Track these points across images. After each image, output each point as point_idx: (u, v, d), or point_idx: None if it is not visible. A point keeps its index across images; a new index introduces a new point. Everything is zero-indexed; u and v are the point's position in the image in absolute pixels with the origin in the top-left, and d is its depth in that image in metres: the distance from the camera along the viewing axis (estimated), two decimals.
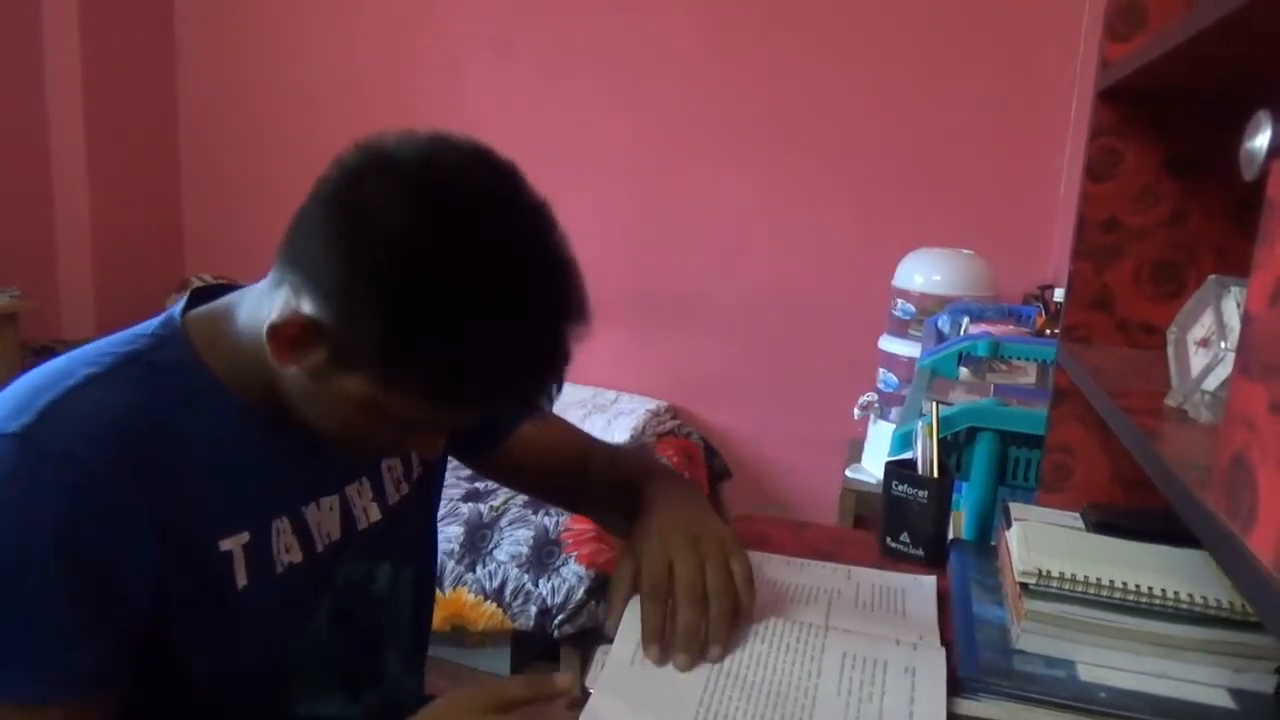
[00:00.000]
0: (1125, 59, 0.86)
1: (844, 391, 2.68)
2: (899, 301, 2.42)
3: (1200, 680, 0.81)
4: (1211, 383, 0.69)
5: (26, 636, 0.67)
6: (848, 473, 2.51)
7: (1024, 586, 0.86)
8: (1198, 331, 0.72)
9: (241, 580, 0.77)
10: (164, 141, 3.27)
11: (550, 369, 0.72)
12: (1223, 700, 0.79)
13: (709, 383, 2.94)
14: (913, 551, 1.08)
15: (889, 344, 2.45)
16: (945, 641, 0.87)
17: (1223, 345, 0.67)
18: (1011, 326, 1.88)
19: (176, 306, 0.81)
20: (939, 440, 1.11)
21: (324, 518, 0.84)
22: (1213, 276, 0.71)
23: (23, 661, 0.67)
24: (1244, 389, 0.46)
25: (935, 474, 1.09)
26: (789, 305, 2.83)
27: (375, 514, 0.89)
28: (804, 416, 2.86)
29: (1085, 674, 0.82)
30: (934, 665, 0.79)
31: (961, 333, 1.96)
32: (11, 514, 0.67)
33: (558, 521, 2.21)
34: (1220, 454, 0.48)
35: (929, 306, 2.34)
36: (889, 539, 1.10)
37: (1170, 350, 0.75)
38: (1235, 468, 0.46)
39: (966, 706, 0.78)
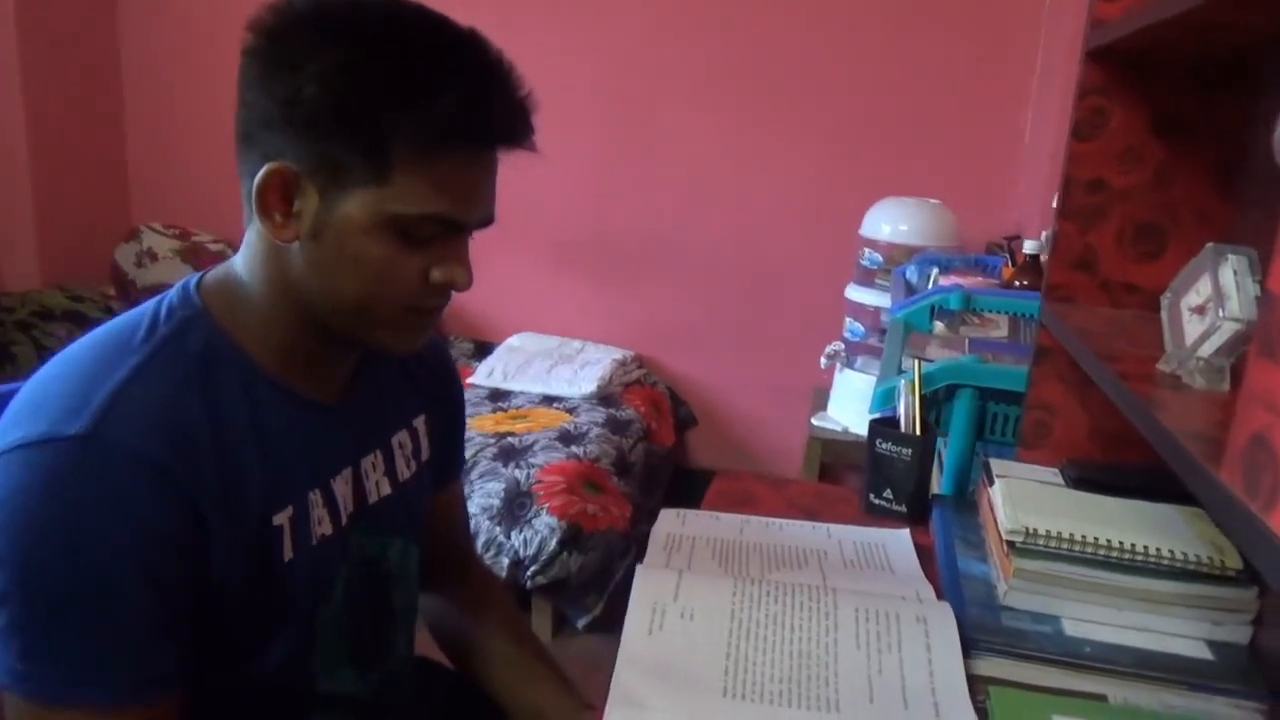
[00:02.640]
0: (1122, 20, 0.86)
1: (810, 340, 2.70)
2: (866, 251, 2.43)
3: (1179, 633, 0.84)
4: (1207, 350, 0.70)
5: (104, 643, 0.67)
6: (814, 421, 2.53)
7: (1011, 545, 0.88)
8: (1192, 298, 0.74)
9: (288, 553, 0.77)
10: (106, 84, 3.13)
11: (505, 75, 0.75)
12: (1201, 652, 0.82)
13: (675, 332, 2.94)
14: (895, 508, 1.10)
15: (856, 293, 2.46)
16: (939, 597, 0.88)
17: (1220, 313, 0.68)
18: (980, 278, 1.90)
19: (191, 279, 0.80)
20: (921, 397, 1.12)
21: (345, 490, 0.84)
22: (1210, 244, 0.72)
23: (101, 667, 0.67)
24: (1265, 370, 0.47)
25: (918, 431, 1.10)
26: (756, 254, 2.83)
27: (386, 488, 0.89)
28: (770, 365, 2.87)
29: (1070, 629, 0.85)
30: (944, 614, 0.81)
31: (930, 284, 1.97)
32: (86, 517, 0.66)
33: (529, 474, 2.21)
34: (1236, 432, 0.49)
35: (896, 256, 2.36)
36: (872, 496, 1.12)
37: (1164, 315, 0.76)
38: (1255, 448, 0.47)
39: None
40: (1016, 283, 1.80)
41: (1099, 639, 0.83)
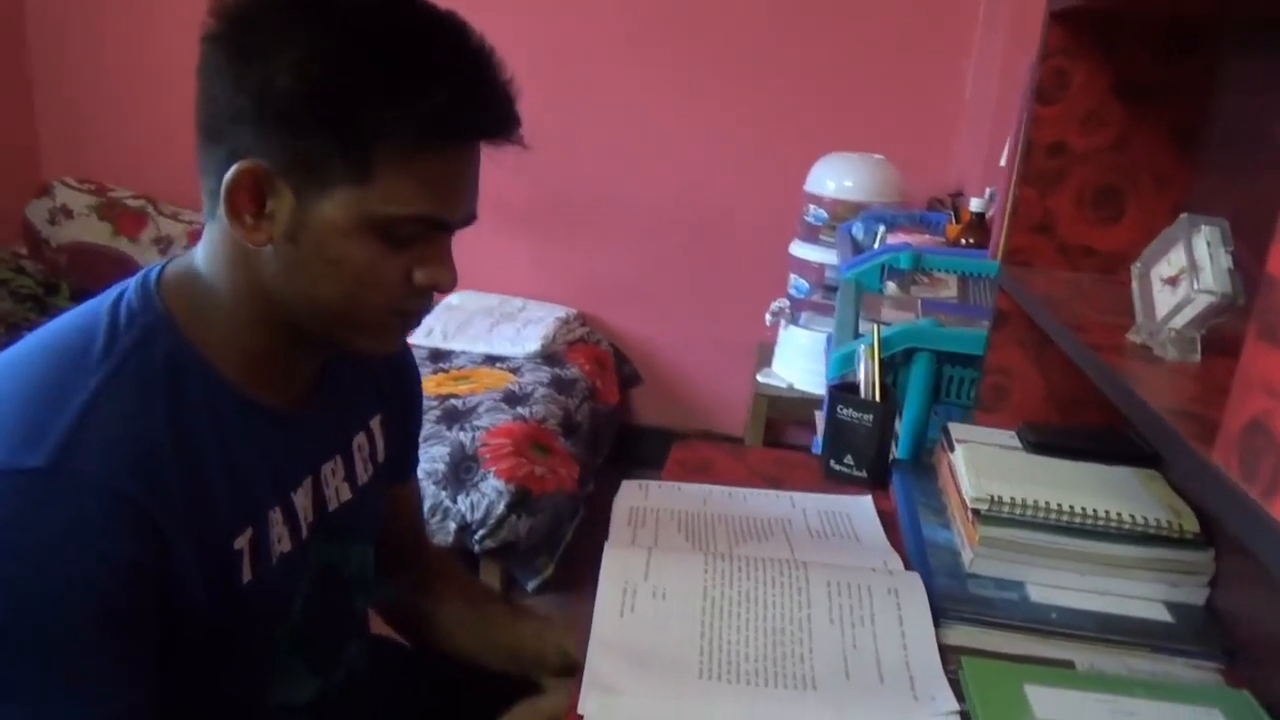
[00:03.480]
0: None
1: (754, 296, 2.69)
2: (811, 207, 2.42)
3: (1140, 595, 0.86)
4: (1179, 321, 0.70)
5: (70, 684, 0.63)
6: (759, 378, 2.54)
7: (976, 513, 0.88)
8: (1163, 269, 0.73)
9: (246, 575, 0.73)
10: (9, 35, 2.93)
11: (491, 64, 0.71)
12: (1160, 614, 0.84)
13: (618, 289, 2.91)
14: (856, 473, 1.10)
15: (800, 250, 2.45)
16: (906, 566, 0.88)
17: (1194, 286, 0.68)
18: (926, 236, 1.91)
19: (150, 274, 0.75)
20: (880, 362, 1.11)
21: (305, 501, 0.80)
22: (1184, 215, 0.72)
23: (68, 707, 0.63)
24: (1264, 354, 0.46)
25: (878, 397, 1.10)
26: (699, 209, 2.80)
27: (346, 494, 0.85)
28: (714, 321, 2.86)
29: (1035, 594, 0.86)
30: (914, 585, 0.81)
31: (878, 241, 1.97)
32: (49, 554, 0.61)
33: (474, 437, 2.17)
34: (1231, 415, 0.49)
35: (841, 213, 2.35)
36: (833, 462, 1.11)
37: (1134, 285, 0.76)
38: (1252, 432, 0.46)
39: None
40: (963, 240, 1.81)
41: (1064, 604, 0.84)
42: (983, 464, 0.95)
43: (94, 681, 0.64)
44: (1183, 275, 0.70)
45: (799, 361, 2.47)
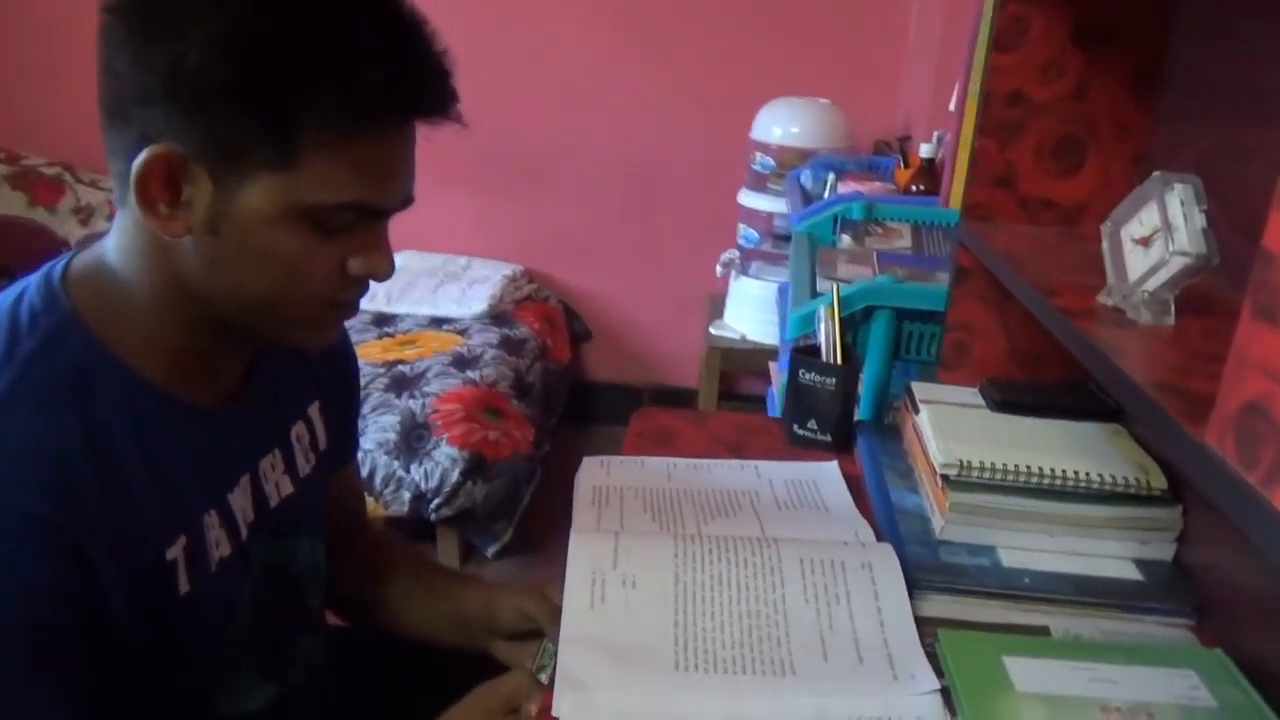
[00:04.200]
0: None
1: (703, 247, 2.65)
2: (757, 155, 2.38)
3: (1110, 554, 0.86)
4: (1153, 284, 0.68)
5: (6, 716, 0.59)
6: (711, 330, 2.52)
7: (945, 479, 0.87)
8: (1135, 228, 0.71)
9: (184, 587, 0.69)
10: None
11: (423, 36, 0.65)
12: (1130, 572, 0.84)
13: (565, 243, 2.85)
14: (820, 437, 1.08)
15: (748, 199, 2.41)
16: (878, 536, 0.87)
17: (1169, 247, 0.66)
18: (877, 183, 1.88)
19: (54, 269, 0.69)
20: (840, 323, 1.09)
21: (243, 500, 0.75)
22: (1156, 173, 0.70)
23: None
24: (1261, 335, 0.44)
25: (839, 359, 1.08)
26: (644, 160, 2.73)
27: (288, 487, 0.81)
28: (663, 274, 2.82)
29: (1006, 559, 0.85)
30: (887, 558, 0.79)
31: (827, 190, 1.94)
32: None
33: (424, 404, 2.12)
34: (1227, 396, 0.47)
35: (788, 160, 2.31)
36: (796, 426, 1.09)
37: (1105, 246, 0.74)
38: (1249, 415, 0.45)
39: None
40: (913, 187, 1.79)
41: (1036, 568, 0.83)
42: (949, 426, 0.93)
43: (22, 715, 0.60)
44: (1156, 235, 0.68)
45: (751, 312, 2.45)
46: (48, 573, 0.59)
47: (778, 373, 2.03)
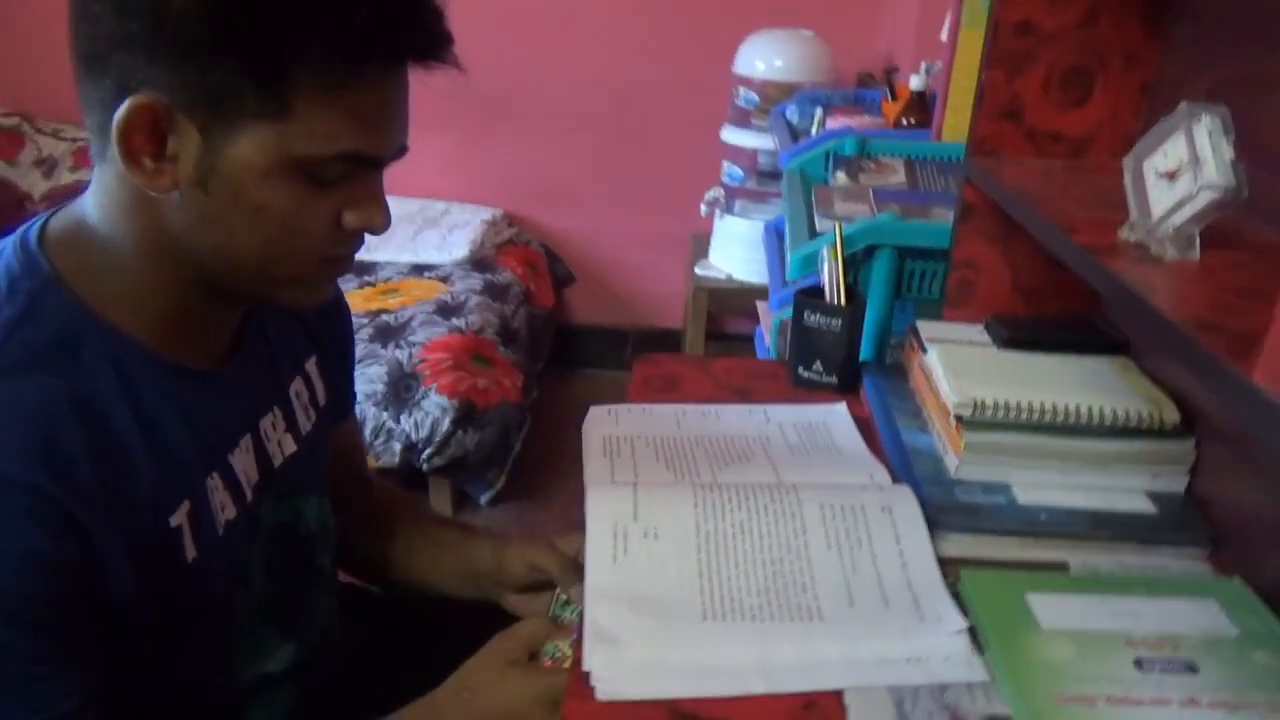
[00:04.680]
0: None
1: (686, 186, 2.62)
2: (740, 90, 2.33)
3: (1122, 488, 0.86)
4: (1180, 218, 0.67)
5: (8, 695, 0.58)
6: (696, 270, 2.50)
7: (960, 419, 0.86)
8: (1159, 162, 0.70)
9: (191, 553, 0.67)
10: None
11: None
12: (1143, 505, 0.84)
13: (545, 186, 2.80)
14: (825, 379, 1.07)
15: (732, 135, 2.38)
16: (892, 478, 0.87)
17: (1197, 180, 0.65)
18: (866, 117, 1.85)
19: (30, 230, 0.66)
20: (844, 263, 1.08)
21: (245, 461, 0.73)
22: (1184, 104, 0.68)
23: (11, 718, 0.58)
24: None
25: (843, 301, 1.06)
26: (623, 98, 2.68)
27: (291, 446, 0.79)
28: (645, 214, 2.78)
29: (1022, 496, 0.85)
30: (906, 500, 0.79)
31: (815, 125, 1.91)
32: None
33: (411, 353, 2.09)
34: (1277, 338, 0.46)
35: (772, 94, 2.27)
36: (801, 369, 1.08)
37: (1127, 179, 0.72)
38: None
39: None
40: (903, 121, 1.76)
41: (1051, 504, 0.84)
42: (959, 365, 0.92)
43: (28, 691, 0.58)
44: (1183, 169, 0.67)
45: (736, 251, 2.43)
46: (42, 544, 0.58)
47: (767, 312, 2.02)
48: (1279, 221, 0.71)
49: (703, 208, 2.45)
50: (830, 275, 1.07)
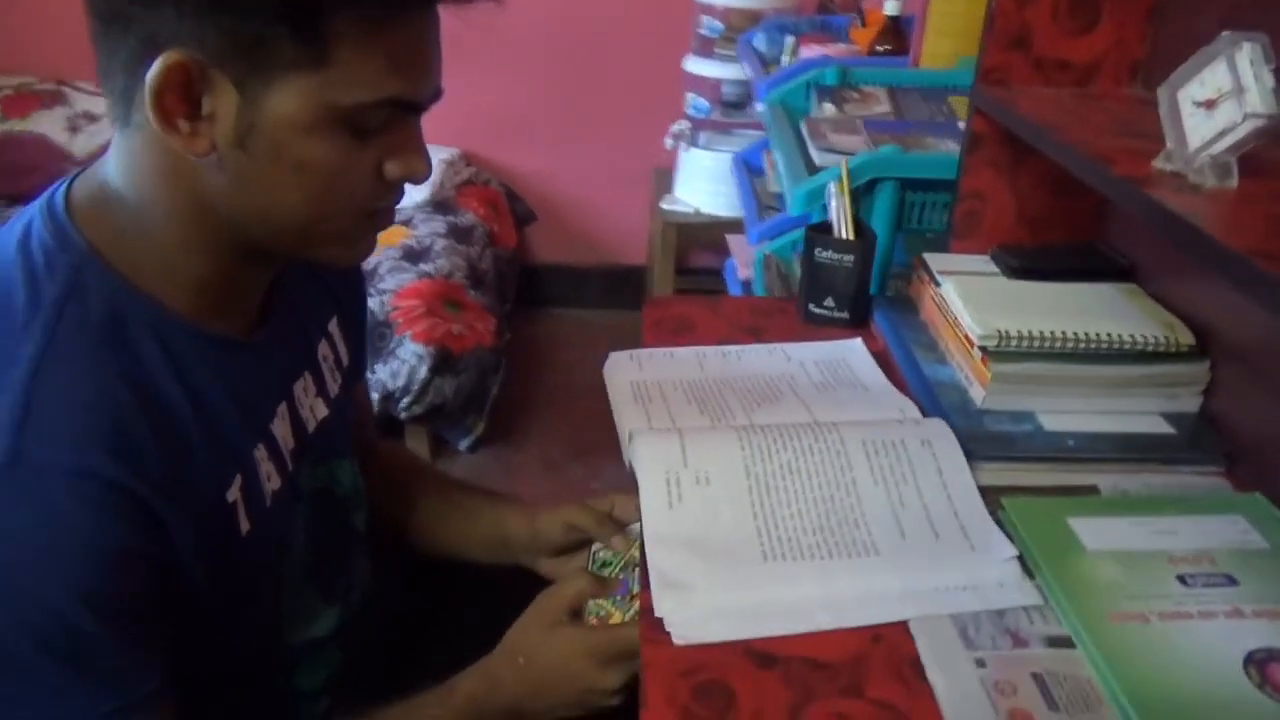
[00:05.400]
0: None
1: (647, 120, 2.58)
2: (704, 18, 2.29)
3: (1141, 410, 0.89)
4: (1221, 146, 0.68)
5: (73, 685, 0.56)
6: (663, 205, 2.48)
7: (985, 350, 0.88)
8: (1197, 91, 0.71)
9: (245, 526, 0.66)
10: None
11: None
12: (1161, 426, 0.88)
13: (503, 123, 2.73)
14: (837, 315, 1.08)
15: (696, 65, 2.34)
16: (921, 411, 0.88)
17: (1242, 108, 0.66)
18: (841, 45, 1.83)
19: (54, 199, 0.62)
20: (851, 196, 1.08)
21: (284, 429, 0.72)
22: (1225, 33, 0.68)
23: (93, 701, 0.56)
24: None
25: (852, 235, 1.07)
26: (581, 28, 2.61)
27: (323, 410, 0.78)
28: (606, 149, 2.74)
29: (1048, 423, 0.87)
30: (943, 433, 0.81)
31: (786, 54, 1.89)
32: (24, 557, 0.53)
33: (383, 301, 2.05)
34: None
35: (737, 22, 2.24)
36: (812, 305, 1.09)
37: (1162, 109, 0.73)
38: None
39: None
40: (878, 48, 1.75)
41: (1077, 429, 0.86)
42: (976, 297, 0.94)
43: (111, 679, 0.57)
44: (1222, 97, 0.68)
45: (703, 184, 2.42)
46: (123, 536, 0.56)
47: (743, 246, 2.02)
48: None
49: (668, 141, 2.42)
50: (838, 209, 1.07)
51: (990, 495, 0.78)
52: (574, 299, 2.85)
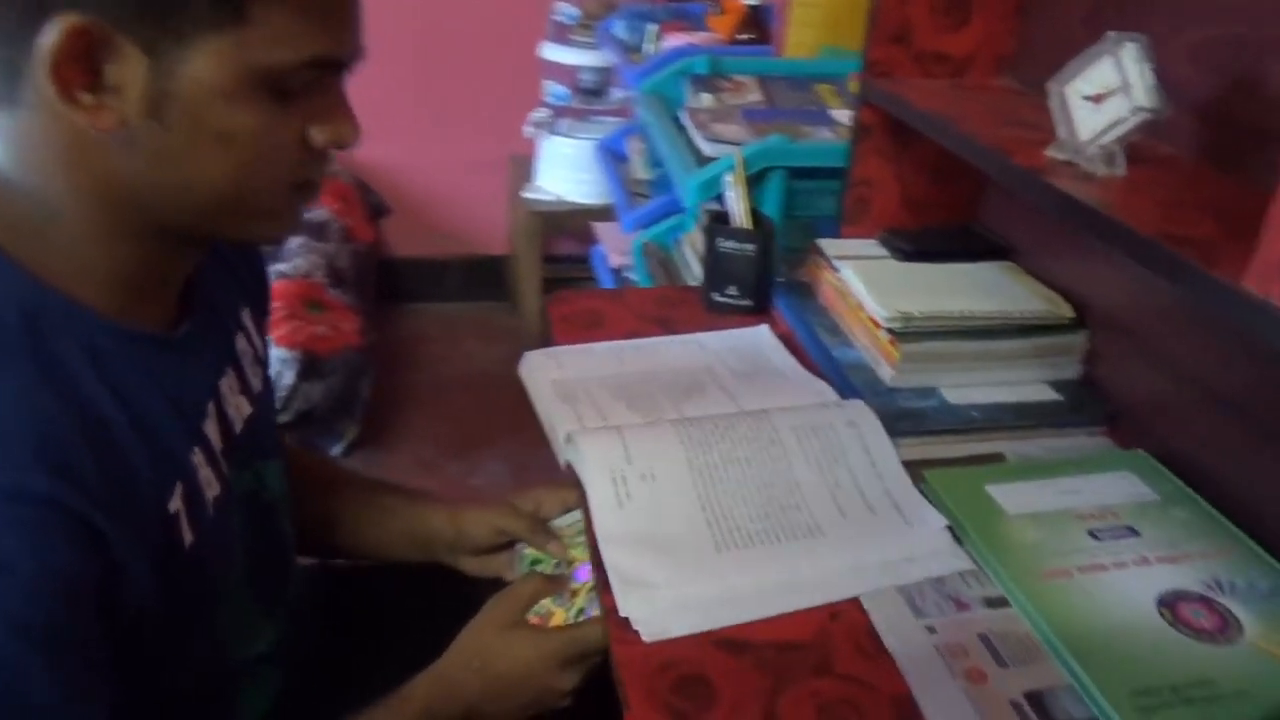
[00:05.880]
0: None
1: (502, 107, 2.54)
2: (559, 5, 2.27)
3: (1030, 380, 0.96)
4: (1110, 137, 0.74)
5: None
6: (525, 194, 2.45)
7: (892, 331, 0.93)
8: (1084, 86, 0.77)
9: (189, 538, 0.61)
10: None
11: None
12: (1048, 394, 0.95)
13: None
14: (741, 302, 1.10)
15: (553, 52, 2.32)
16: (839, 393, 0.92)
17: (1130, 103, 0.72)
18: (704, 34, 1.86)
19: None
20: (746, 186, 1.10)
21: (213, 429, 0.67)
22: (1109, 33, 0.74)
23: None
24: None
25: (750, 224, 1.10)
26: (432, 14, 2.53)
27: (247, 408, 0.73)
28: (461, 137, 2.67)
29: (951, 397, 0.93)
30: (866, 414, 0.84)
31: (649, 42, 1.91)
32: None
33: None
34: (1271, 247, 0.53)
35: (592, 9, 2.23)
36: (715, 294, 1.11)
37: (1053, 104, 0.79)
38: None
39: None
40: (741, 37, 1.80)
41: (978, 402, 0.92)
42: (876, 281, 0.99)
43: (48, 715, 0.52)
44: (1109, 92, 0.74)
45: (565, 172, 2.41)
46: (65, 559, 0.51)
47: (614, 233, 2.03)
48: (1167, 137, 0.81)
49: (529, 129, 2.40)
50: (735, 199, 1.10)
51: (912, 469, 0.83)
52: (435, 293, 2.78)
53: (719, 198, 1.23)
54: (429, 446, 2.21)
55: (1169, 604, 0.69)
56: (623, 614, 0.67)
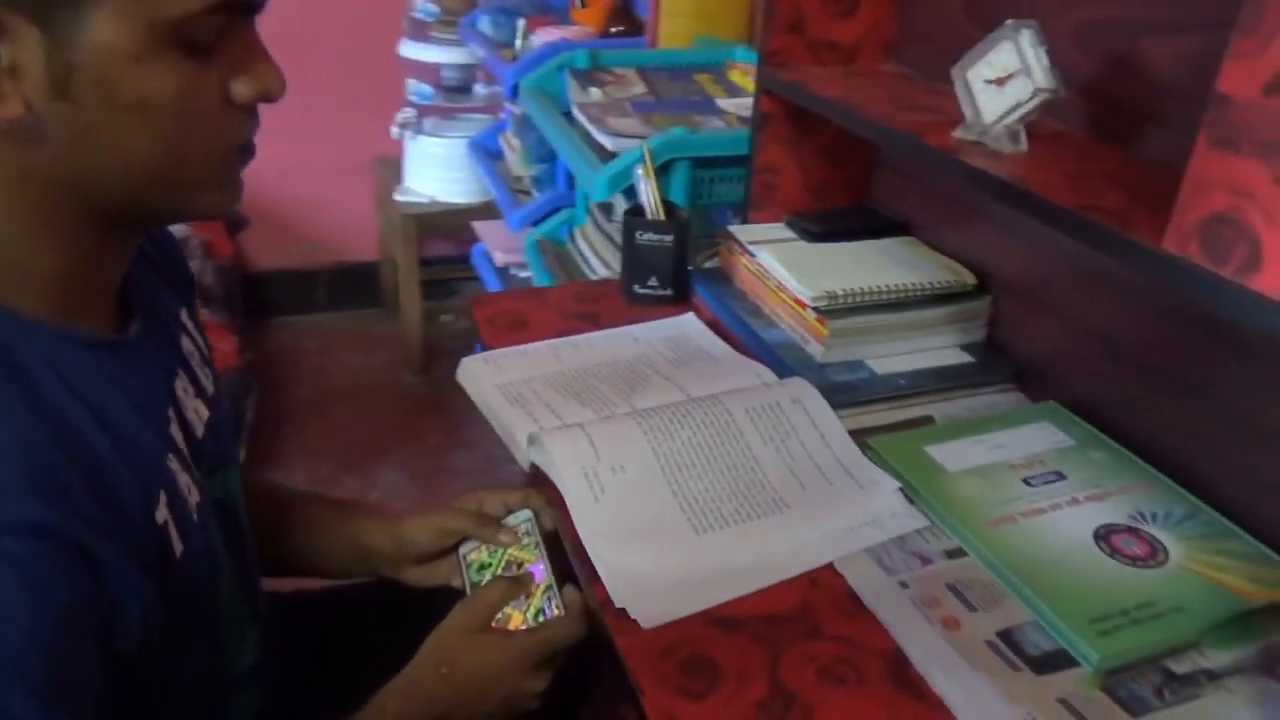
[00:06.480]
0: None
1: (362, 108, 2.47)
2: (416, 1, 2.23)
3: (943, 345, 1.03)
4: (1013, 117, 0.81)
5: None
6: (396, 196, 2.39)
7: (819, 310, 0.98)
8: (985, 71, 0.83)
9: (179, 548, 0.59)
10: None
11: None
12: (961, 357, 1.02)
13: None
14: (662, 293, 1.13)
15: (412, 50, 2.27)
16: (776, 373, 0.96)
17: (1031, 85, 0.79)
18: (577, 27, 1.87)
19: None
20: (657, 178, 1.13)
21: (178, 434, 0.64)
22: (1008, 21, 0.81)
23: None
24: (1224, 161, 0.57)
25: (663, 216, 1.12)
26: (282, 14, 2.42)
27: (205, 411, 0.70)
28: (320, 141, 2.56)
29: (878, 368, 0.99)
30: (808, 390, 0.88)
31: (519, 37, 1.90)
32: None
33: None
34: (1185, 212, 0.60)
35: (451, 5, 2.20)
36: (636, 286, 1.13)
37: (958, 88, 0.85)
38: (1215, 225, 0.58)
39: None
40: (613, 29, 1.82)
41: (901, 370, 0.98)
42: (794, 263, 1.03)
43: None
44: (1011, 76, 0.81)
45: (436, 172, 2.36)
46: (63, 599, 0.49)
47: (498, 231, 2.02)
48: (1059, 114, 0.88)
49: (394, 130, 2.34)
50: (648, 192, 1.12)
51: (856, 438, 0.88)
52: (304, 304, 2.68)
53: (625, 192, 1.25)
54: (321, 463, 2.14)
55: (1103, 537, 0.76)
56: (619, 605, 0.69)
